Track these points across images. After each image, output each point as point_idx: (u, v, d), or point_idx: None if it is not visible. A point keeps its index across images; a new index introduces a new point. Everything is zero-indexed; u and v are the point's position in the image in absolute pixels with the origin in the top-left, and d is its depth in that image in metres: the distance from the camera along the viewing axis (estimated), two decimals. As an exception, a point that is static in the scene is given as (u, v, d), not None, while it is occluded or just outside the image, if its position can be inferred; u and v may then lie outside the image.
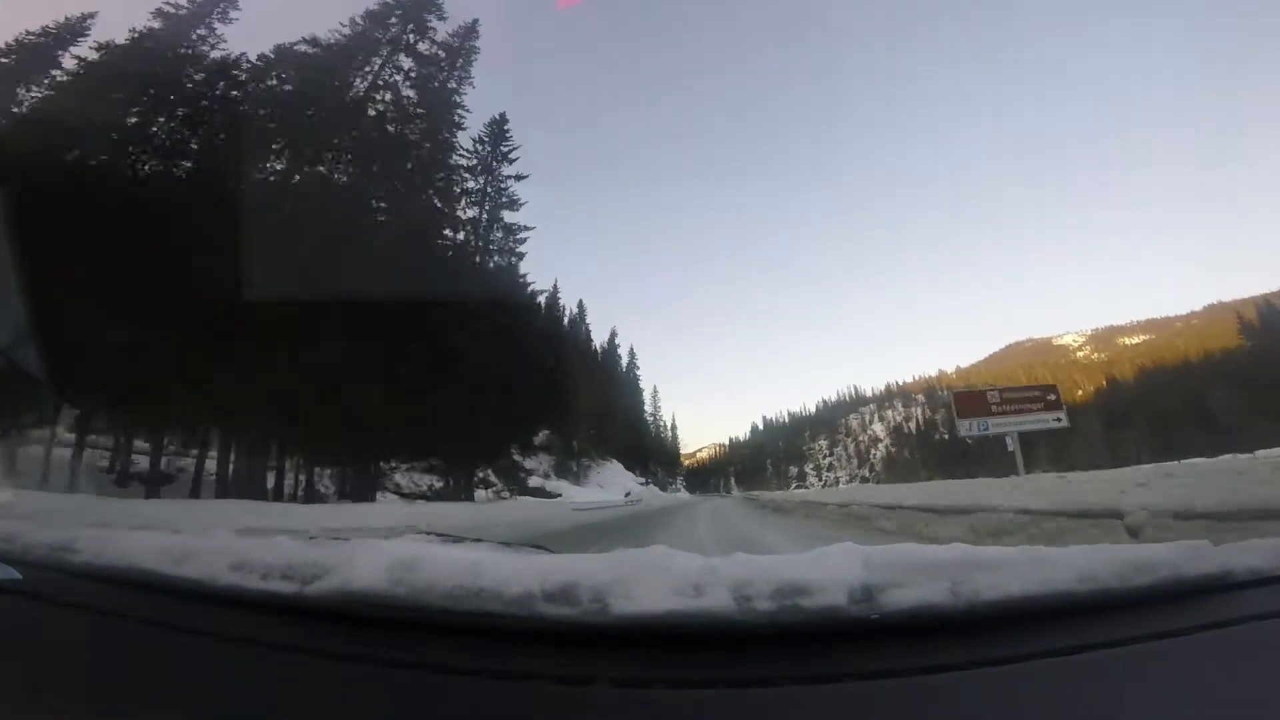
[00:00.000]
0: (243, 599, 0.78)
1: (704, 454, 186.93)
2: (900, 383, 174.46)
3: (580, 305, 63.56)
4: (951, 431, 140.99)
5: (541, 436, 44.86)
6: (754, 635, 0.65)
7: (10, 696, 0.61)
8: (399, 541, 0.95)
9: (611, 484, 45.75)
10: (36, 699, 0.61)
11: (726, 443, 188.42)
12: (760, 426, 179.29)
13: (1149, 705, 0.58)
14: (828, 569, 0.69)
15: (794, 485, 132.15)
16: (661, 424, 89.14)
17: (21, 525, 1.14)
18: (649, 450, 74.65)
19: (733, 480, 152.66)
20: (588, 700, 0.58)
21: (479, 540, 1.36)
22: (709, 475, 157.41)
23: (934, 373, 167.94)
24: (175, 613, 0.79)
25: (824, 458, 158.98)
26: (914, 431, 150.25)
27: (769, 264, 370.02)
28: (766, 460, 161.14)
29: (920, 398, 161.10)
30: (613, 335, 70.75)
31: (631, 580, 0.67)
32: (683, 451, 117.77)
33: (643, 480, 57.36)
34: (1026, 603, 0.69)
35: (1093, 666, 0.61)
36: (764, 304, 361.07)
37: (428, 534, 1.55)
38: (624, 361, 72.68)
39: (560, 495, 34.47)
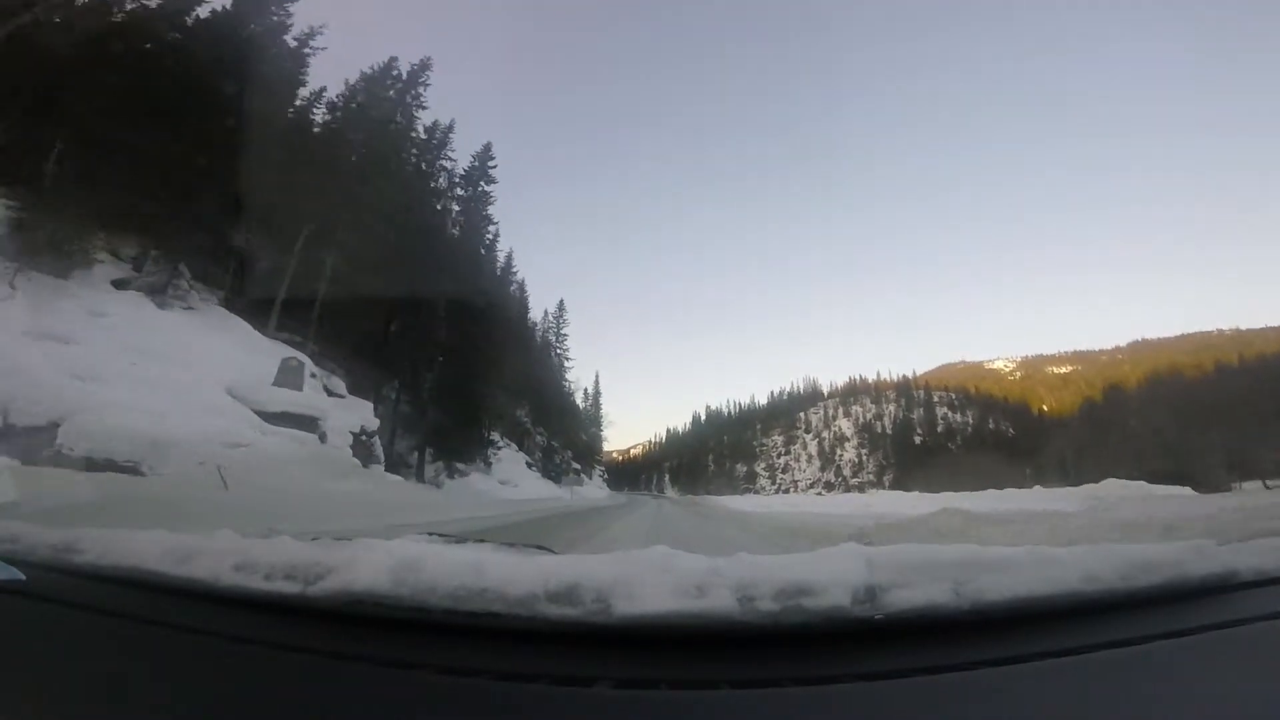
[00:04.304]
0: (246, 599, 0.78)
1: (636, 450, 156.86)
2: (862, 378, 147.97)
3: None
4: (932, 433, 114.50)
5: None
6: (757, 636, 0.65)
7: (13, 696, 0.62)
8: (402, 542, 0.95)
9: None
10: (39, 699, 0.62)
11: (664, 435, 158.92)
12: (703, 418, 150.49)
13: (1154, 706, 0.58)
14: (831, 569, 0.69)
15: (743, 487, 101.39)
16: (563, 354, 52.23)
17: (25, 525, 1.11)
18: (521, 375, 37.68)
19: (666, 478, 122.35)
20: (590, 701, 0.58)
21: (482, 540, 1.42)
22: (640, 471, 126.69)
23: (872, 377, 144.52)
24: (178, 613, 0.79)
25: (779, 456, 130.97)
26: (885, 431, 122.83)
27: (716, 249, 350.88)
28: (709, 456, 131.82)
29: (891, 394, 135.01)
30: (486, 150, 31.72)
31: (634, 581, 0.67)
32: (611, 447, 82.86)
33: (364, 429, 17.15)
34: (1031, 603, 0.69)
35: (1097, 667, 0.62)
36: (708, 291, 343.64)
37: (430, 534, 1.56)
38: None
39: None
